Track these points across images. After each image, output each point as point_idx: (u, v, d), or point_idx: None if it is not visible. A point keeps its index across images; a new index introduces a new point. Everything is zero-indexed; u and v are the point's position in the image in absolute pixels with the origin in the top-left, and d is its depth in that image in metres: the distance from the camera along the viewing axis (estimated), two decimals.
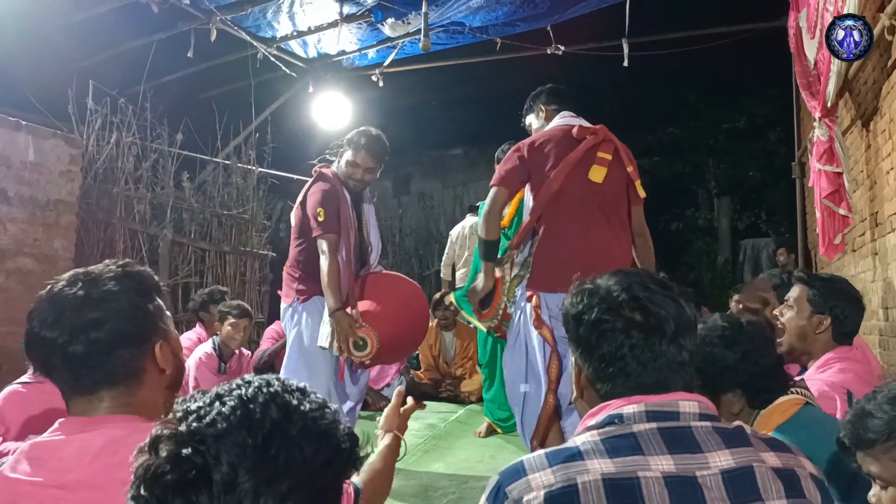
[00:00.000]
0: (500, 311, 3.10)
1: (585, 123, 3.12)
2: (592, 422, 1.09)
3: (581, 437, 1.07)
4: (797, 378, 1.90)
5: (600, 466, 1.00)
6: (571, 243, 2.88)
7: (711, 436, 1.05)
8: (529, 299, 2.87)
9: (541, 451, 1.06)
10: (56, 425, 1.11)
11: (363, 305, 3.34)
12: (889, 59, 3.54)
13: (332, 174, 3.46)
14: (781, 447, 1.10)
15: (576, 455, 1.02)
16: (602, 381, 1.13)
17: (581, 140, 2.98)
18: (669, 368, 1.11)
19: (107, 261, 1.22)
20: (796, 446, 1.14)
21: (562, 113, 3.19)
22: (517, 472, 1.04)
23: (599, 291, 1.15)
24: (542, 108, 3.27)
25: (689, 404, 1.08)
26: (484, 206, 3.04)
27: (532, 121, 3.35)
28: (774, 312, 2.42)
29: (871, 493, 1.30)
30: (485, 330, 3.33)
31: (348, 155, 3.44)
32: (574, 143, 2.99)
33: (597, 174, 2.93)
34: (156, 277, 1.27)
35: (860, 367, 2.19)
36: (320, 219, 3.27)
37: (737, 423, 1.12)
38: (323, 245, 3.25)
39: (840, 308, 2.21)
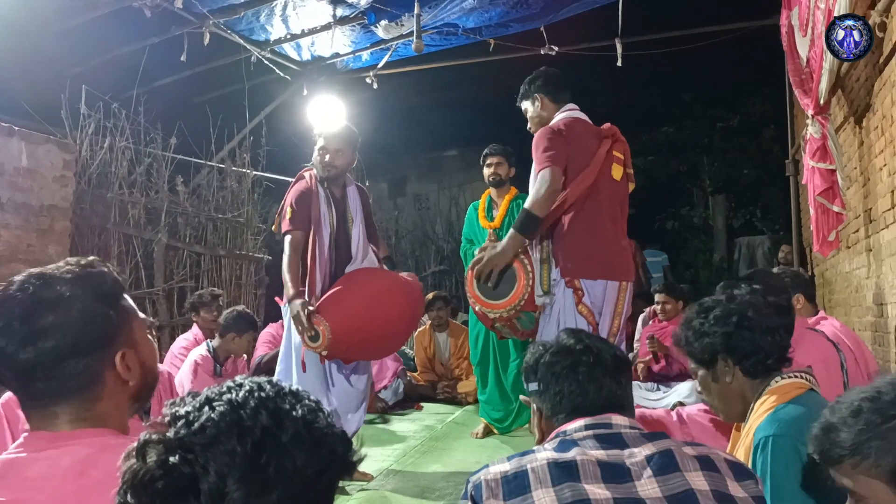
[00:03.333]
0: (522, 301, 3.08)
1: (586, 118, 3.18)
2: (546, 444, 1.34)
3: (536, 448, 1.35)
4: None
5: (547, 455, 1.26)
6: (606, 236, 3.06)
7: (638, 439, 1.30)
8: (570, 284, 3.02)
9: (504, 456, 1.32)
10: (21, 440, 1.04)
11: (323, 298, 3.33)
12: (881, 55, 3.56)
13: (310, 174, 3.56)
14: (698, 446, 1.31)
15: (528, 452, 1.29)
16: (557, 413, 1.39)
17: (605, 137, 3.13)
18: (611, 398, 1.38)
19: (67, 259, 1.12)
20: (784, 424, 1.26)
21: (567, 105, 3.23)
22: (481, 468, 1.30)
23: (554, 343, 1.48)
24: (541, 98, 3.26)
25: (620, 419, 1.34)
26: (542, 185, 2.98)
27: (528, 107, 3.32)
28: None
29: None
30: (490, 318, 3.24)
31: (316, 146, 3.55)
32: (598, 138, 3.13)
33: (617, 172, 3.13)
34: (118, 277, 1.16)
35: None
36: (287, 216, 3.45)
37: (659, 432, 1.35)
38: (286, 241, 3.43)
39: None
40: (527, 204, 3.03)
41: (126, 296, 1.16)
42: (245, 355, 4.68)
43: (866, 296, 4.24)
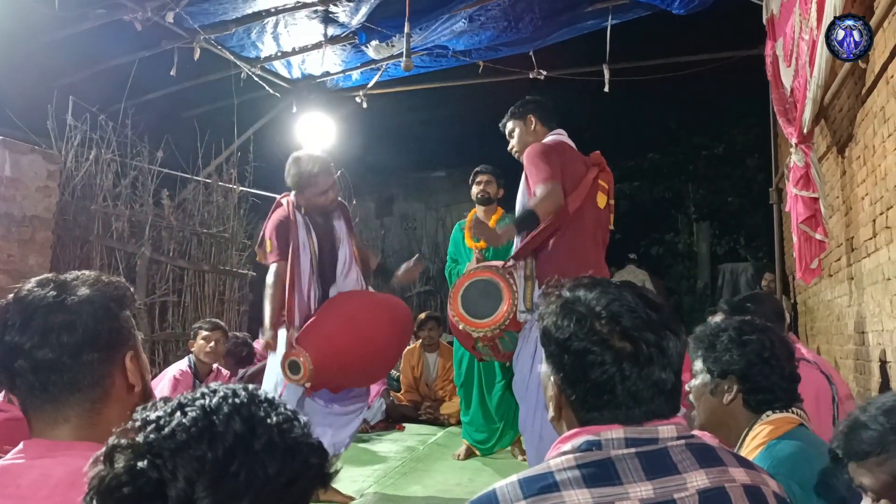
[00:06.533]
0: (507, 321, 3.09)
1: (573, 144, 3.22)
2: (567, 446, 1.05)
3: (556, 461, 1.03)
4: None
5: (578, 499, 0.97)
6: (588, 260, 3.04)
7: (685, 454, 1.04)
8: None
9: (514, 478, 1.03)
10: (21, 446, 1.06)
11: (304, 328, 3.27)
12: (863, 86, 3.62)
13: (287, 201, 3.50)
14: (748, 464, 1.10)
15: (552, 486, 0.99)
16: (588, 409, 1.08)
17: (593, 165, 3.17)
18: (657, 399, 1.06)
19: (81, 271, 1.19)
20: (778, 462, 1.12)
21: (557, 130, 3.26)
22: (490, 503, 1.01)
23: (586, 317, 1.08)
24: (534, 120, 3.29)
25: (666, 429, 1.06)
26: (551, 195, 2.96)
27: (518, 127, 3.34)
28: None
29: None
30: (473, 337, 3.23)
31: (311, 192, 3.42)
32: (585, 165, 3.16)
33: (601, 200, 3.16)
34: (131, 290, 1.22)
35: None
36: (268, 249, 3.44)
37: (705, 439, 1.11)
38: (270, 270, 3.41)
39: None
40: (531, 204, 2.99)
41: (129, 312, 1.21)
42: (228, 372, 4.63)
43: (848, 324, 4.27)
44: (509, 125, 3.37)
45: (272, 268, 3.39)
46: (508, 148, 3.38)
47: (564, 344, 1.08)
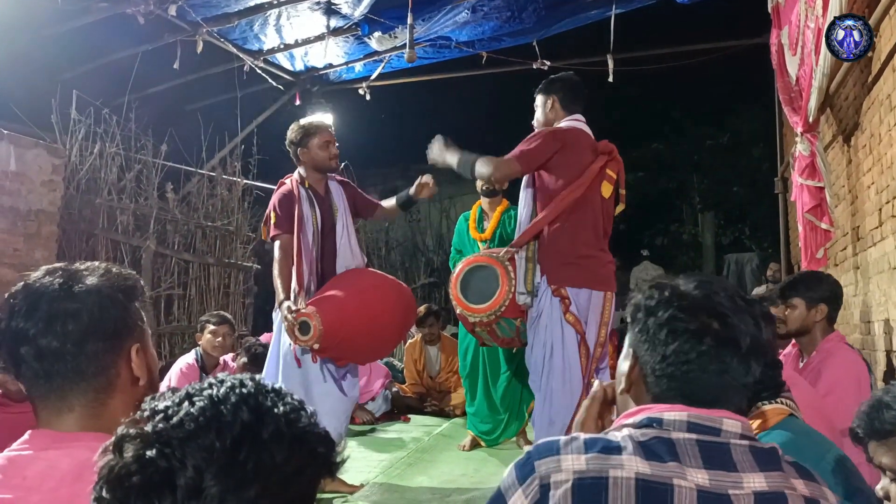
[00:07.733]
0: (503, 308, 3.12)
1: (589, 131, 3.23)
2: (630, 421, 1.06)
3: (618, 432, 1.04)
4: None
5: (636, 465, 0.98)
6: (589, 248, 3.11)
7: (746, 456, 1.02)
8: (556, 293, 3.08)
9: (581, 435, 1.04)
10: (26, 436, 1.06)
11: (314, 296, 3.40)
12: (869, 75, 3.60)
13: (291, 180, 3.64)
14: (809, 476, 1.07)
15: (613, 449, 1.00)
16: (659, 378, 1.07)
17: (602, 153, 3.18)
18: (732, 387, 1.06)
19: (91, 262, 1.17)
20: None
21: (575, 115, 3.28)
22: (550, 448, 1.03)
23: (678, 290, 1.10)
24: (555, 101, 3.30)
25: (732, 423, 1.04)
26: (503, 164, 3.14)
27: (542, 102, 3.36)
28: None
29: (878, 486, 1.33)
30: (470, 322, 3.29)
31: (314, 143, 3.59)
32: (594, 153, 3.17)
33: (606, 190, 3.18)
34: (141, 282, 1.21)
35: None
36: (272, 221, 3.55)
37: (771, 444, 1.08)
38: (275, 245, 3.54)
39: None
40: (482, 158, 3.17)
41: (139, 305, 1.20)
42: (234, 364, 4.63)
43: (854, 313, 4.26)
44: (537, 98, 3.41)
45: (276, 243, 3.51)
46: (533, 120, 3.44)
47: (653, 309, 1.10)
